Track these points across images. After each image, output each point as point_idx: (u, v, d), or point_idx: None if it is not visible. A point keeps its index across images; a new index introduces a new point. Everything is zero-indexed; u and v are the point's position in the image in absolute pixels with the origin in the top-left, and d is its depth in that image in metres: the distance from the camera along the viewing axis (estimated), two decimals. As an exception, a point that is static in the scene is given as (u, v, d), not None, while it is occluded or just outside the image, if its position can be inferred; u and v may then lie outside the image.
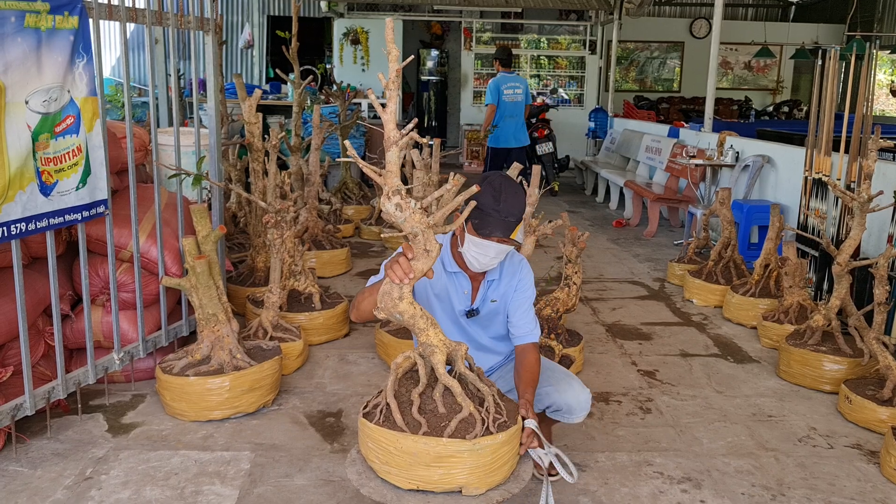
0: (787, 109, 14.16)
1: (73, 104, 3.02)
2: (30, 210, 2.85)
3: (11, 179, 2.74)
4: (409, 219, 2.06)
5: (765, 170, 6.45)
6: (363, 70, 12.40)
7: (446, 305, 2.68)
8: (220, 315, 3.40)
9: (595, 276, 6.00)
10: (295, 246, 4.35)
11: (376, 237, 7.10)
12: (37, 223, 2.90)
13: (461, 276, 2.65)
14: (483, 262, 2.53)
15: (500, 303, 2.70)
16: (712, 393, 3.79)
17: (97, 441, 3.12)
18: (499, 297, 2.70)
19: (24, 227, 2.84)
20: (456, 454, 2.16)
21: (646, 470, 3.00)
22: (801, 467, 3.05)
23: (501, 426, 2.24)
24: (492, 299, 2.69)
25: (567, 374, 2.78)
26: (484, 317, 2.72)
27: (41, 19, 2.81)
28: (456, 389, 2.24)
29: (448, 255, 2.64)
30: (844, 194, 3.87)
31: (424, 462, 2.17)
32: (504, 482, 2.26)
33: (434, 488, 2.19)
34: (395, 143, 2.02)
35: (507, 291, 2.70)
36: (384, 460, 2.25)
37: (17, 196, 2.78)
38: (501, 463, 2.23)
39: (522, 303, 2.70)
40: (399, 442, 2.19)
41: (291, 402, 3.56)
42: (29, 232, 2.86)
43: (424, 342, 2.27)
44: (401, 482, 2.22)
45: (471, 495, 2.18)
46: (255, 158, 4.52)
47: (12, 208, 2.76)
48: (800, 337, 4.01)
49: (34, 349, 3.23)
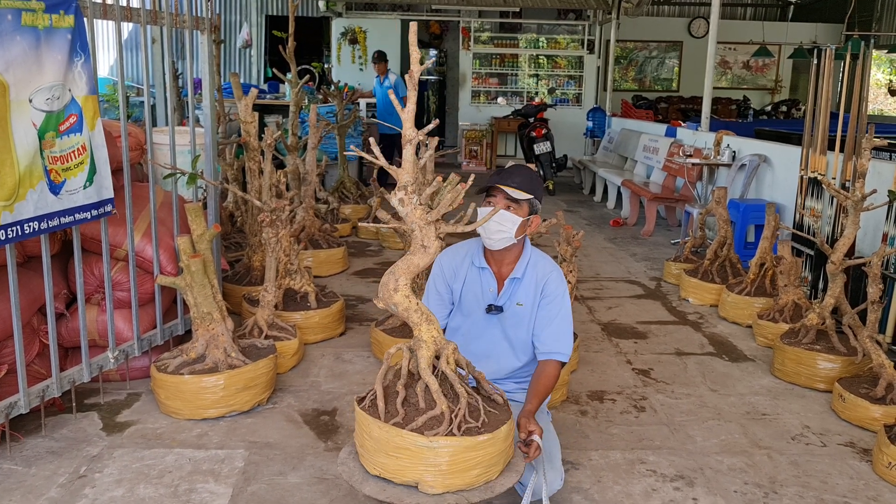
0: (785, 109, 14.16)
1: (74, 103, 3.04)
2: (41, 209, 2.86)
3: (22, 177, 2.76)
4: (410, 214, 2.14)
5: (761, 169, 6.46)
6: (361, 69, 12.41)
7: (478, 300, 2.71)
8: (214, 314, 3.40)
9: (592, 275, 6.01)
10: (291, 245, 4.36)
11: (374, 236, 7.11)
12: (49, 222, 2.91)
13: (487, 273, 2.69)
14: (489, 231, 2.56)
15: (527, 308, 2.67)
16: (707, 391, 3.80)
17: (91, 439, 3.12)
18: (526, 302, 2.67)
19: (37, 226, 2.85)
20: (412, 448, 2.17)
21: (639, 468, 3.01)
22: (794, 465, 3.06)
23: (470, 431, 2.21)
24: (518, 302, 2.66)
25: (549, 455, 2.55)
26: (508, 317, 2.69)
27: (38, 18, 2.82)
28: (433, 387, 2.25)
29: (479, 251, 2.71)
30: (839, 193, 3.88)
31: (385, 450, 2.20)
32: (469, 489, 2.21)
33: (392, 478, 2.21)
34: (409, 142, 2.09)
35: (535, 297, 2.67)
36: (360, 443, 2.31)
37: (29, 195, 2.80)
38: (464, 468, 2.19)
39: (552, 314, 2.64)
40: (370, 427, 2.24)
41: (286, 400, 3.57)
42: (42, 231, 2.88)
43: (416, 336, 2.29)
44: (368, 466, 2.27)
45: (426, 493, 2.18)
46: (251, 157, 4.53)
47: (25, 207, 2.78)
48: (794, 335, 4.02)
49: (29, 348, 3.23)
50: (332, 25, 12.65)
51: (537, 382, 2.58)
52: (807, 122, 5.22)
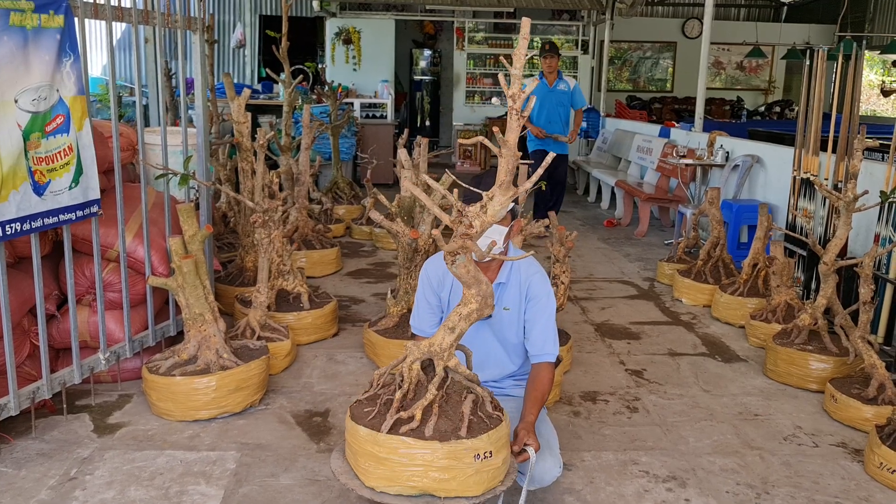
0: (778, 109, 14.21)
1: (62, 103, 3.02)
2: (24, 210, 2.85)
3: (4, 179, 2.74)
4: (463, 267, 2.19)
5: (754, 169, 6.47)
6: (355, 70, 12.39)
7: None
8: (206, 315, 3.39)
9: (585, 276, 6.01)
10: (283, 245, 4.35)
11: (367, 237, 7.10)
12: (31, 223, 2.89)
13: None
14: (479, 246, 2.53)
15: (514, 312, 2.67)
16: (699, 392, 3.80)
17: (82, 441, 3.11)
18: (513, 306, 2.67)
19: (20, 227, 2.83)
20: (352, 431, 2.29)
21: (631, 469, 3.01)
22: (786, 465, 3.06)
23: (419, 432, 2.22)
24: (504, 307, 2.66)
25: (548, 443, 2.56)
26: (497, 322, 2.69)
27: (26, 18, 2.80)
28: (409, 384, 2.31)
29: None
30: (830, 194, 3.89)
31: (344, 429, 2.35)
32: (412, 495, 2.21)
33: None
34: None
35: (520, 300, 2.67)
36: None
37: (11, 196, 2.78)
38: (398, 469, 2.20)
39: (538, 316, 2.65)
40: None
41: (278, 401, 3.56)
42: (23, 232, 2.86)
43: None
44: None
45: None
46: (243, 158, 4.51)
47: (7, 208, 2.76)
48: (787, 336, 4.02)
49: (19, 349, 3.21)
50: (326, 25, 12.62)
51: (533, 389, 2.58)
52: (799, 123, 5.23)
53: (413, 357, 2.39)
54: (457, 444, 2.20)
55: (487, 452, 2.22)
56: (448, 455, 2.19)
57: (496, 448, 2.25)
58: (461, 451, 2.20)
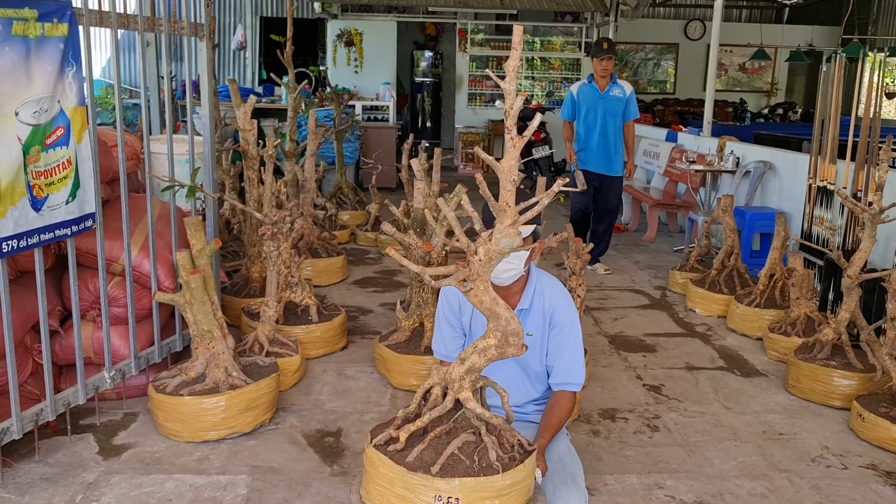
0: (781, 112, 14.13)
1: (63, 114, 2.90)
2: (21, 226, 2.73)
3: (2, 195, 2.62)
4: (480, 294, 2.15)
5: (766, 176, 6.38)
6: (356, 72, 12.28)
7: None
8: (215, 331, 3.28)
9: (595, 285, 5.90)
10: (291, 256, 4.23)
11: (372, 243, 6.99)
12: (28, 239, 2.78)
13: None
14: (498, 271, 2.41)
15: (537, 338, 2.58)
16: (721, 409, 3.70)
17: (87, 464, 3.00)
18: (535, 332, 2.58)
19: (16, 244, 2.72)
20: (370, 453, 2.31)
21: (657, 493, 2.90)
22: (816, 490, 2.96)
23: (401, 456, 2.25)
24: (527, 333, 2.56)
25: (572, 475, 2.41)
26: None
27: (29, 27, 2.69)
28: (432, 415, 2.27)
29: None
30: (855, 205, 3.79)
31: None
32: None
33: None
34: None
35: (544, 326, 2.59)
36: None
37: (9, 212, 2.66)
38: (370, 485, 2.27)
39: (565, 345, 2.57)
40: None
41: (289, 420, 3.45)
42: (20, 249, 2.74)
43: None
44: None
45: None
46: (249, 166, 4.40)
47: (4, 225, 2.64)
48: (808, 350, 3.92)
49: (22, 368, 3.10)
50: (327, 27, 12.51)
51: (550, 415, 2.52)
52: (815, 130, 5.13)
53: (432, 381, 2.33)
54: (418, 478, 2.16)
55: (453, 498, 2.14)
56: (406, 486, 2.17)
57: (468, 499, 2.14)
58: (420, 486, 2.15)
